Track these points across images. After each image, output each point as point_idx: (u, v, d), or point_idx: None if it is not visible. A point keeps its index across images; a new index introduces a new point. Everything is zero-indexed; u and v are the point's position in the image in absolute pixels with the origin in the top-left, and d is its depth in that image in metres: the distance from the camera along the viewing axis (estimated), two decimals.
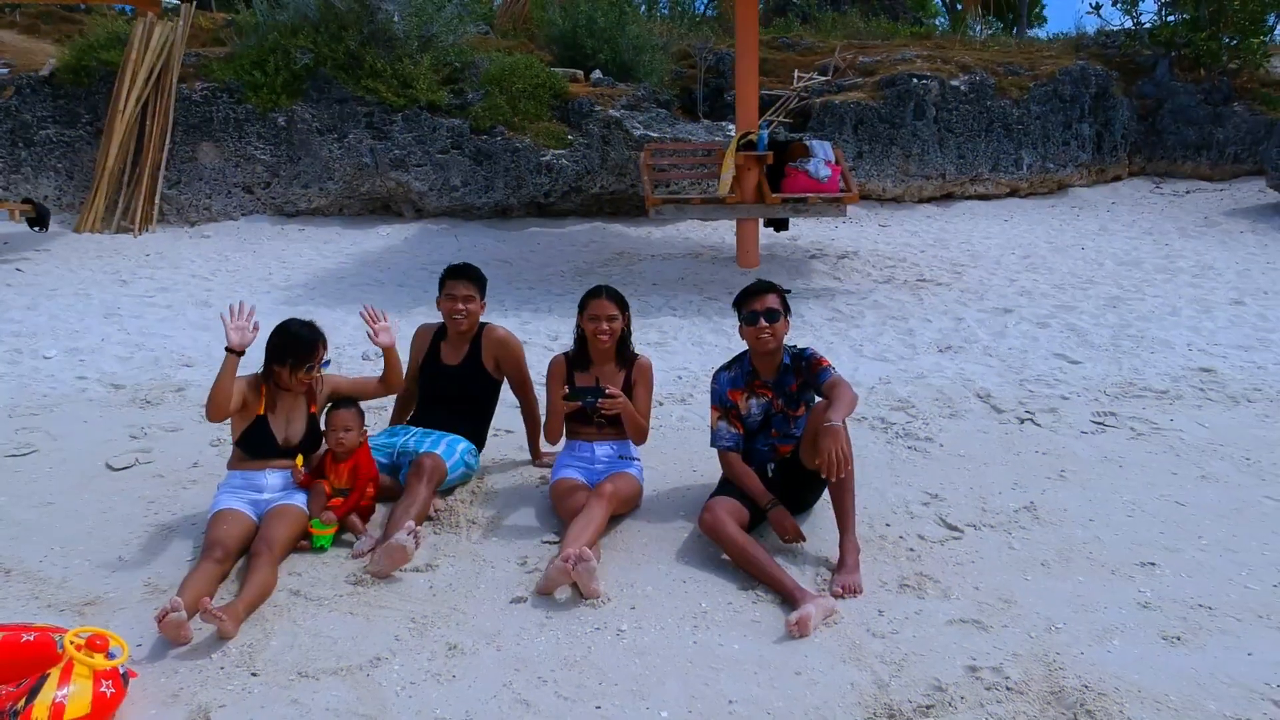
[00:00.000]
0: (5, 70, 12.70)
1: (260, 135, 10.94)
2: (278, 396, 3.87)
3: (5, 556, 3.66)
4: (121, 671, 2.79)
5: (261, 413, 3.82)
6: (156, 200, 10.68)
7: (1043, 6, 42.62)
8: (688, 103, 14.12)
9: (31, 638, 2.87)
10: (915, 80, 12.92)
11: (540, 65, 11.83)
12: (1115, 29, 16.27)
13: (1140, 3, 15.85)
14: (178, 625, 3.05)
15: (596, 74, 12.67)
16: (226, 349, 3.73)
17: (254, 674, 2.96)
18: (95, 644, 2.77)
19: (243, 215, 10.86)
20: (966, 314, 7.10)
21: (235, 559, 3.54)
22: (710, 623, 3.27)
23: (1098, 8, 22.72)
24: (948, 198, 12.96)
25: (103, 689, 2.70)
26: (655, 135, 11.23)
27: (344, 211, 11.07)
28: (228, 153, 10.98)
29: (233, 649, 3.08)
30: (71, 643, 2.74)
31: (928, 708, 2.81)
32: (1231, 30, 14.79)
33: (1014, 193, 13.32)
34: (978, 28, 19.57)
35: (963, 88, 13.12)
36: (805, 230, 10.59)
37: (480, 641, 3.14)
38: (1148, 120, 14.77)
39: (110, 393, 5.46)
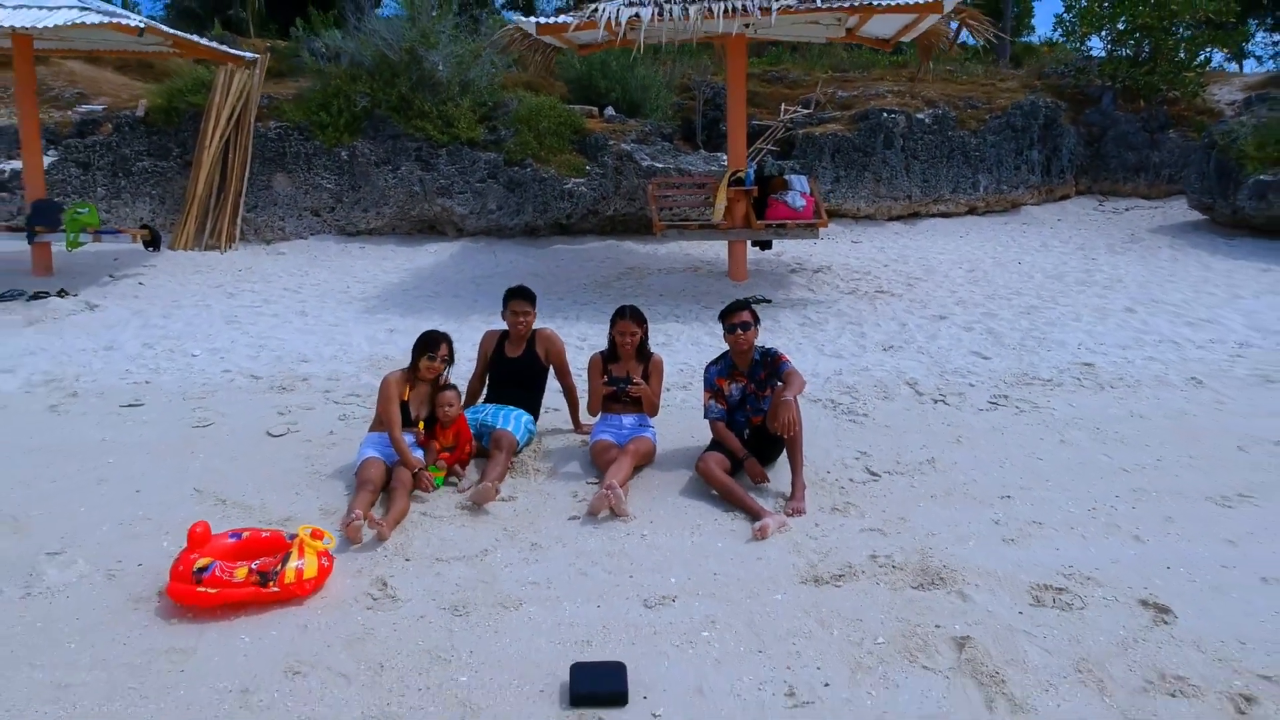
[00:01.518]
0: (101, 107, 14.19)
1: (326, 167, 12.43)
2: (415, 386, 5.33)
3: (220, 492, 5.14)
4: (331, 552, 4.28)
5: (405, 399, 5.28)
6: (238, 222, 12.16)
7: (1032, 15, 43.86)
8: (688, 131, 15.57)
9: (266, 534, 4.35)
10: (885, 114, 14.37)
11: (562, 106, 13.30)
12: (1067, 66, 17.70)
13: (1088, 40, 17.23)
14: (357, 529, 4.52)
15: (610, 111, 14.14)
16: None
17: (407, 559, 4.44)
18: (316, 534, 4.25)
19: (311, 235, 12.34)
20: (910, 320, 8.57)
21: (379, 491, 5.00)
22: (702, 531, 4.74)
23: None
24: (914, 216, 14.41)
25: (323, 562, 4.18)
26: (660, 166, 12.71)
27: (396, 231, 12.55)
28: (298, 181, 12.46)
29: (389, 546, 4.55)
30: (303, 532, 4.23)
31: (839, 576, 4.27)
32: (1168, 66, 16.22)
33: (972, 211, 14.77)
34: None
35: (927, 120, 14.57)
36: (789, 248, 12.03)
37: (552, 541, 4.61)
38: (1094, 145, 16.22)
39: (252, 382, 6.94)
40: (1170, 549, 4.56)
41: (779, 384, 5.28)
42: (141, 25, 8.84)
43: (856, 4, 8.19)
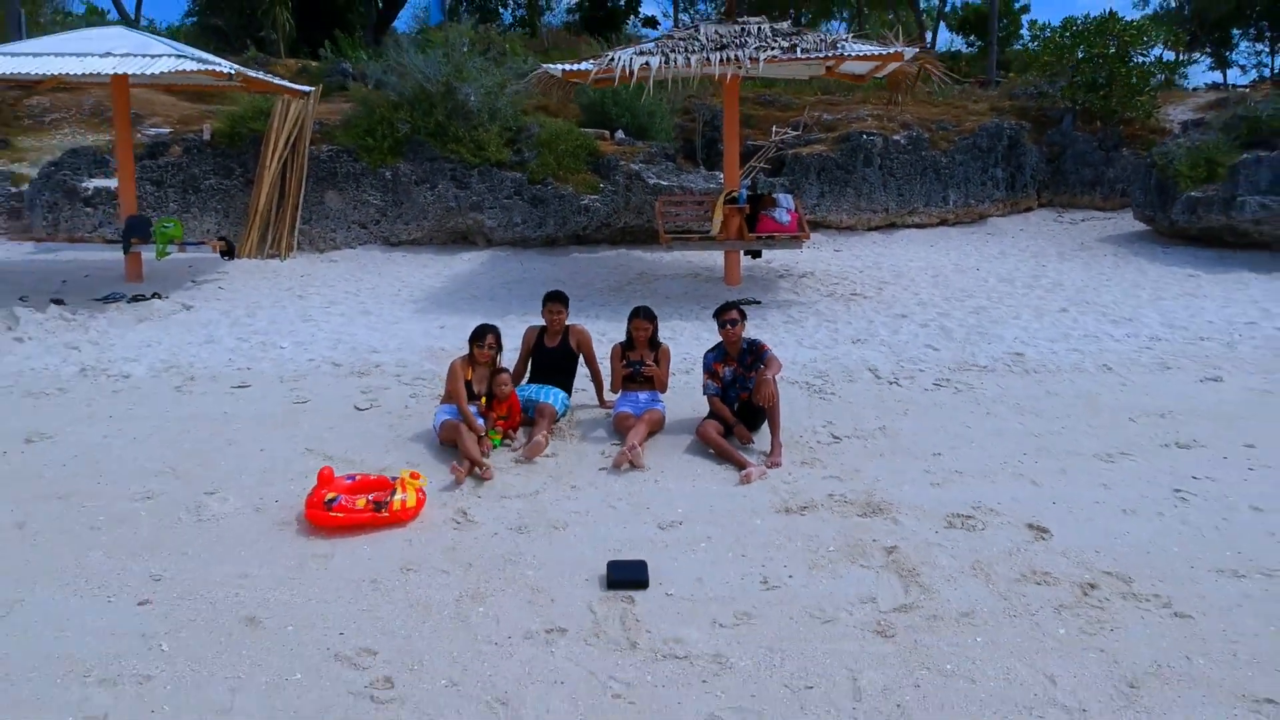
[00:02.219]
0: (168, 131, 15.47)
1: (371, 185, 13.68)
2: (475, 368, 6.58)
3: (326, 450, 6.38)
4: (424, 489, 5.54)
5: (468, 379, 6.53)
6: (295, 234, 13.41)
7: (1019, 26, 45.12)
8: (689, 150, 16.80)
9: (374, 477, 5.61)
10: (865, 136, 15.61)
11: (578, 130, 14.55)
12: (1033, 88, 18.93)
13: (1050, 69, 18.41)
14: (460, 472, 5.79)
15: (620, 134, 15.38)
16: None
17: (479, 497, 5.69)
18: (414, 475, 5.51)
19: (359, 245, 13.60)
20: (876, 318, 9.81)
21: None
22: (701, 478, 5.98)
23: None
24: (891, 227, 15.63)
25: (420, 495, 5.44)
26: (665, 184, 13.95)
27: (433, 242, 13.80)
28: (347, 198, 13.72)
29: (465, 487, 5.80)
30: (404, 474, 5.48)
31: (804, 508, 5.52)
32: (1123, 91, 17.45)
33: (943, 223, 15.98)
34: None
35: (903, 141, 15.79)
36: (777, 256, 13.26)
37: (586, 485, 5.86)
38: (1054, 162, 17.44)
39: (334, 369, 8.20)
40: (1058, 490, 5.81)
41: (762, 367, 6.53)
42: (232, 71, 10.07)
43: (830, 55, 9.44)
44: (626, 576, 4.70)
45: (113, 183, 14.56)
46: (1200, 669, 4.08)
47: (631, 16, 47.73)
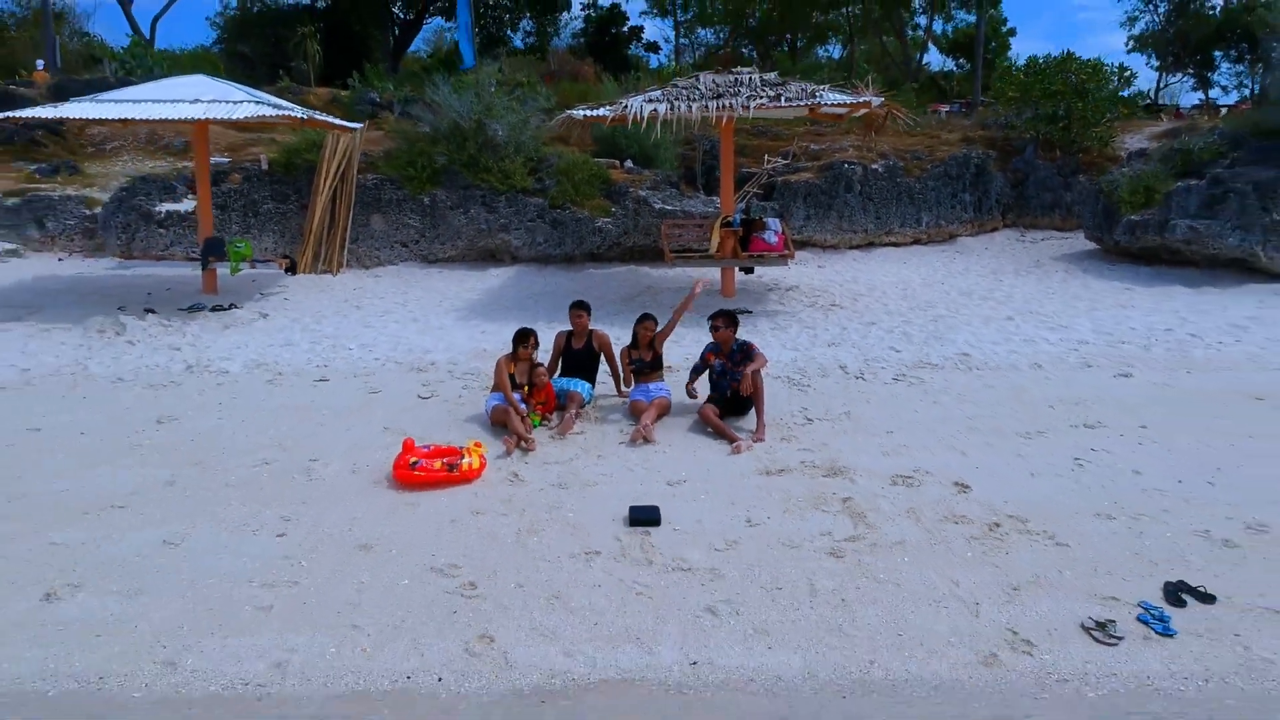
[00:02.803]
0: (226, 160, 16.82)
1: (412, 210, 15.02)
2: (517, 364, 7.90)
3: (401, 429, 7.67)
4: (485, 456, 6.86)
5: (512, 372, 7.85)
6: (344, 252, 14.74)
7: (1008, 49, 46.33)
8: (690, 176, 18.13)
9: (445, 446, 6.94)
10: (846, 165, 16.94)
11: (592, 161, 15.89)
12: (1001, 119, 20.26)
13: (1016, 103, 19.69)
14: (510, 444, 7.11)
15: (629, 163, 16.72)
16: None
17: (526, 463, 6.99)
18: (477, 445, 6.84)
19: (400, 262, 14.93)
20: (850, 325, 11.13)
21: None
22: (700, 450, 7.29)
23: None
24: (870, 246, 16.94)
25: (482, 460, 6.76)
26: (669, 208, 15.29)
27: (465, 260, 15.12)
28: (390, 221, 15.07)
29: (514, 456, 7.11)
30: (469, 444, 6.81)
31: (781, 471, 6.82)
32: (1078, 124, 18.77)
33: (917, 242, 17.29)
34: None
35: (880, 170, 17.13)
36: (768, 273, 14.54)
37: (609, 454, 7.17)
38: (1018, 187, 18.75)
39: (397, 366, 9.52)
40: (981, 459, 7.11)
41: (750, 363, 7.85)
42: (304, 116, 11.41)
43: (809, 103, 10.78)
44: (644, 517, 6.02)
45: (182, 206, 15.92)
46: (1067, 578, 5.39)
47: (634, 42, 49.25)
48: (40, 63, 33.93)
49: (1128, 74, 19.14)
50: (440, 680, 4.54)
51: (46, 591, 5.26)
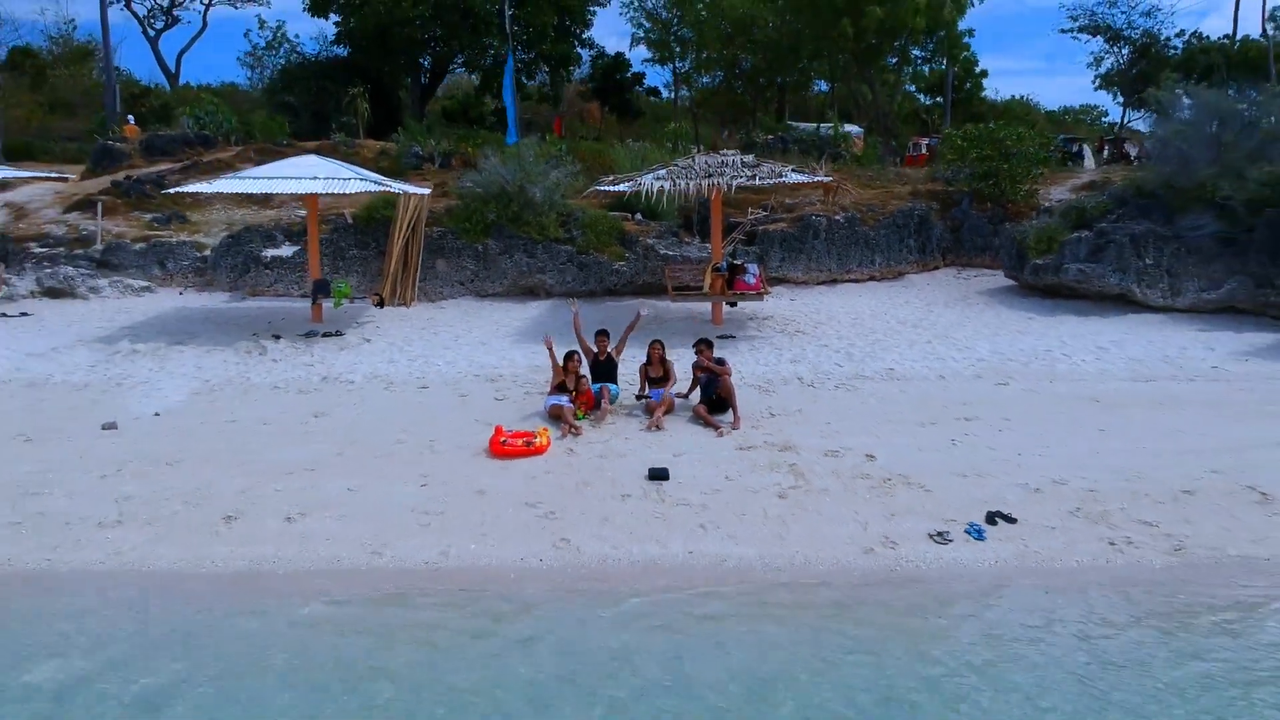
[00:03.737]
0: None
1: (468, 255, 17.70)
2: (567, 373, 10.53)
3: (488, 420, 10.29)
4: (550, 437, 9.50)
5: (563, 379, 10.48)
6: (415, 289, 17.40)
7: (981, 90, 48.60)
8: (688, 224, 20.79)
9: (522, 430, 9.59)
10: (814, 217, 19.60)
11: (610, 215, 18.57)
12: (943, 175, 22.93)
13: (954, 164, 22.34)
14: (565, 430, 9.75)
15: (638, 216, 19.41)
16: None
17: (576, 439, 9.64)
18: (544, 431, 9.50)
19: (460, 297, 17.57)
20: (808, 347, 13.76)
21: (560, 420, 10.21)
22: (694, 434, 9.90)
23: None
24: (833, 282, 19.56)
25: (548, 440, 9.40)
26: (671, 253, 17.94)
27: (510, 295, 17.77)
28: (451, 264, 17.74)
29: (568, 438, 9.74)
30: (539, 428, 9.47)
31: (750, 448, 9.42)
32: (1006, 181, 21.41)
33: (871, 279, 19.88)
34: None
35: (841, 220, 19.78)
36: (749, 307, 17.14)
37: (633, 437, 9.79)
38: (956, 233, 21.37)
39: (474, 378, 12.14)
40: (888, 440, 9.71)
41: (723, 371, 10.48)
42: (399, 191, 14.09)
43: (777, 180, 13.50)
44: (658, 474, 8.65)
45: (282, 251, 18.60)
46: (927, 509, 8.00)
47: (637, 86, 52.00)
48: (131, 117, 36.59)
49: (1050, 142, 21.74)
50: (541, 561, 7.19)
51: (286, 517, 7.90)
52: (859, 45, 33.79)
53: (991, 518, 7.90)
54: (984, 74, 48.10)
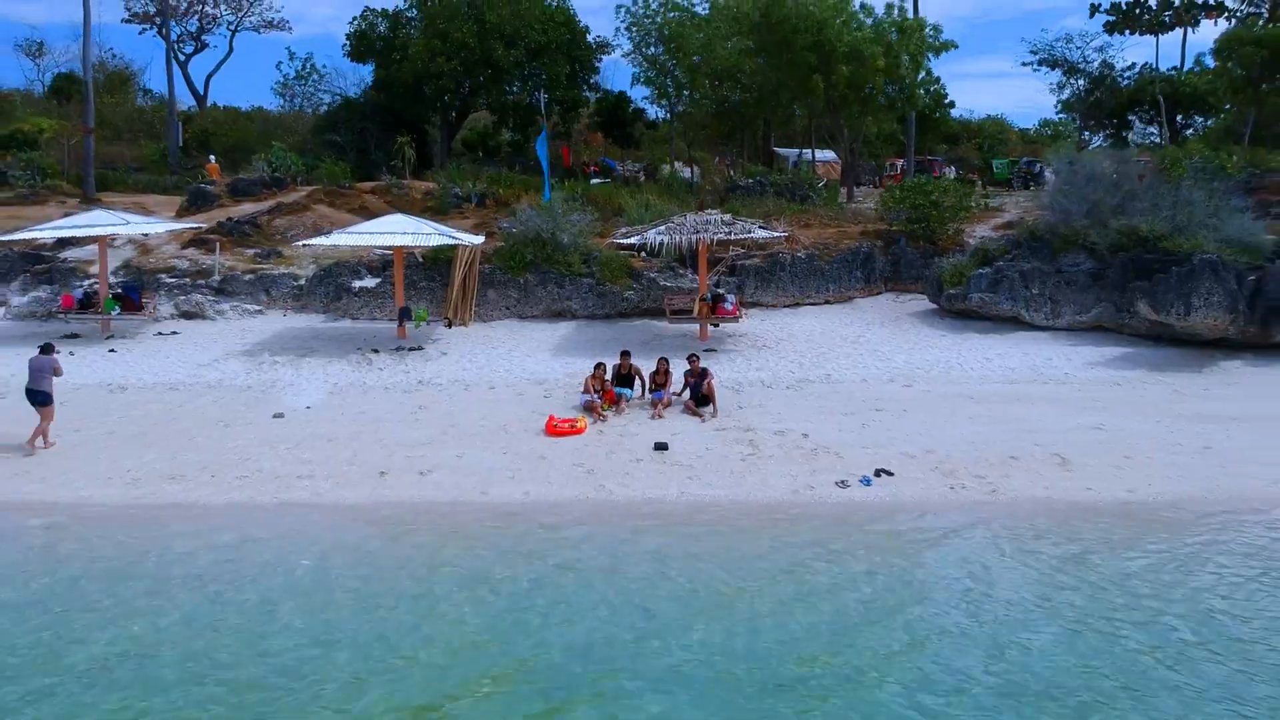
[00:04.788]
0: (389, 252, 22.76)
1: (512, 286, 21.02)
2: (595, 379, 13.86)
3: (543, 411, 13.59)
4: (587, 423, 12.87)
5: (592, 383, 13.82)
6: (472, 312, 20.72)
7: (949, 118, 51.33)
8: (682, 257, 24.09)
9: (567, 418, 12.94)
10: (782, 254, 22.95)
11: (621, 255, 21.91)
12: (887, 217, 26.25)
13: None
14: (596, 417, 13.12)
15: (644, 254, 22.74)
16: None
17: (605, 423, 12.99)
18: (582, 418, 12.86)
19: (506, 319, 20.84)
20: (770, 358, 17.09)
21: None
22: (685, 422, 13.22)
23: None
24: (796, 305, 22.83)
25: (585, 424, 12.76)
26: (669, 284, 21.27)
27: (544, 317, 21.03)
28: (499, 293, 21.07)
29: (598, 424, 13.09)
30: (579, 414, 12.83)
31: (724, 430, 12.75)
32: (935, 224, 24.73)
33: (827, 303, 23.10)
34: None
35: (803, 257, 23.08)
36: (728, 327, 20.43)
37: (643, 423, 13.10)
38: (895, 265, 24.67)
39: (526, 382, 15.41)
40: (819, 425, 13.03)
41: (707, 379, 13.82)
42: (469, 243, 17.40)
43: (746, 235, 16.85)
44: (661, 446, 12.01)
45: (367, 283, 21.91)
46: (837, 468, 11.33)
47: (637, 122, 55.07)
48: (211, 156, 39.26)
49: (976, 190, 25.05)
50: (588, 498, 10.54)
51: (419, 472, 11.25)
52: (830, 95, 37.00)
53: (878, 472, 11.25)
54: (952, 105, 50.96)
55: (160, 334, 19.54)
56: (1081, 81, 45.93)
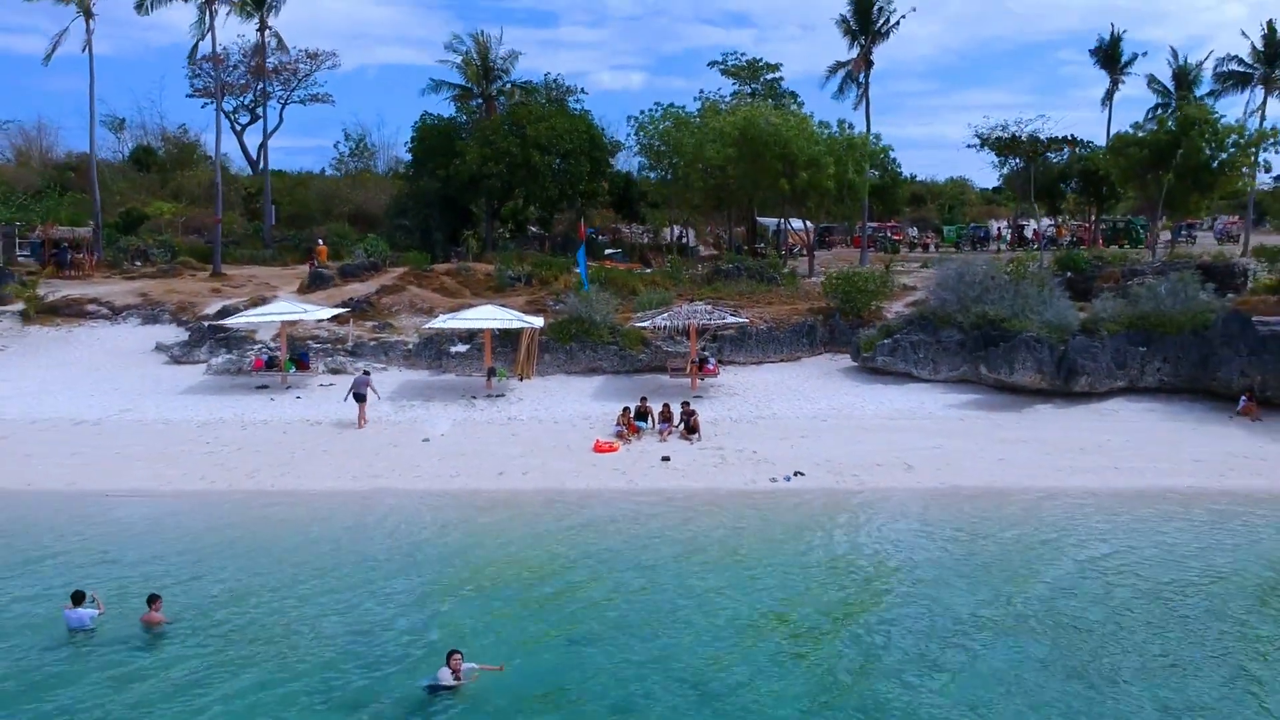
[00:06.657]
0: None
1: (561, 351, 26.66)
2: (624, 415, 19.44)
3: (593, 436, 19.17)
4: (619, 445, 18.45)
5: (623, 418, 19.40)
6: (534, 368, 26.34)
7: (906, 191, 55.98)
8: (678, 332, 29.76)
9: (607, 440, 18.54)
10: (749, 326, 28.62)
11: (637, 329, 27.58)
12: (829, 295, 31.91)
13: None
14: (624, 441, 18.72)
15: (653, 330, 28.44)
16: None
17: (630, 447, 18.55)
18: (616, 441, 18.47)
19: (557, 375, 26.44)
20: (733, 402, 22.63)
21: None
22: (680, 444, 18.89)
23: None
24: (760, 364, 28.37)
25: (619, 446, 18.36)
26: (670, 349, 26.98)
27: (583, 373, 26.58)
28: (552, 355, 26.72)
29: (626, 446, 18.66)
30: (616, 439, 18.45)
31: (703, 449, 18.41)
32: (860, 302, 30.36)
33: (783, 361, 28.70)
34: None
35: (764, 328, 28.76)
36: (709, 381, 25.96)
37: (653, 446, 18.80)
38: (832, 333, 30.27)
39: (576, 417, 20.97)
40: (764, 445, 18.64)
41: (694, 416, 19.39)
42: (531, 324, 23.12)
43: (723, 321, 22.54)
44: (665, 459, 17.64)
45: (461, 348, 27.61)
46: (773, 470, 16.95)
47: (642, 201, 60.48)
48: (320, 239, 43.72)
49: (892, 276, 30.92)
50: (621, 488, 16.16)
51: (523, 472, 16.85)
52: (794, 191, 42.41)
53: (796, 473, 16.80)
54: (907, 181, 55.94)
55: (322, 385, 25.20)
56: (1018, 160, 46.89)
